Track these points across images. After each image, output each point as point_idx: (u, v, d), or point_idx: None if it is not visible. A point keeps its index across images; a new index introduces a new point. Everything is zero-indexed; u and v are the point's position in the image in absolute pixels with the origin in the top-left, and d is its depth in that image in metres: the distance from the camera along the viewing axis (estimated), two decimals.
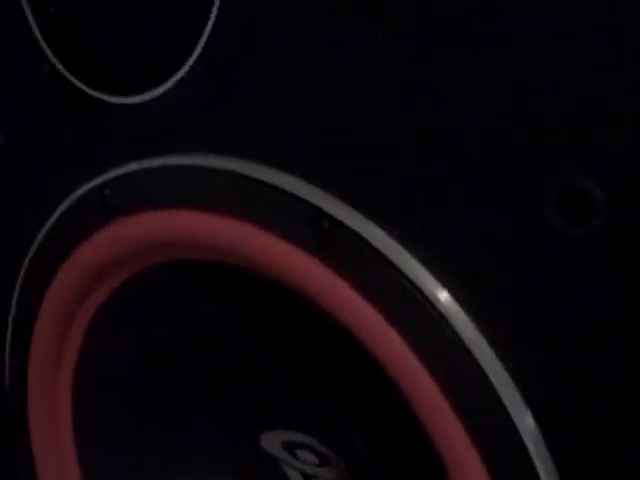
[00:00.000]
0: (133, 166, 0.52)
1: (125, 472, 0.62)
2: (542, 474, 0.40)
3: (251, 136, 0.48)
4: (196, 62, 0.48)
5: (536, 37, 0.37)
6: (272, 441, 0.60)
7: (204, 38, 0.47)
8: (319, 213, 0.44)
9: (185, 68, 0.48)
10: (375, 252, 0.43)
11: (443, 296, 0.42)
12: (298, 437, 0.58)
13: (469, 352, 0.41)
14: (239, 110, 0.48)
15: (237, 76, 0.47)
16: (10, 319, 0.61)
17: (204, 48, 0.47)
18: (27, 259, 0.58)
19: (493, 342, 0.41)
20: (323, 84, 0.44)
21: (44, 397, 0.60)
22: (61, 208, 0.55)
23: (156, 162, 0.51)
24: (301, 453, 0.59)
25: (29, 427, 0.62)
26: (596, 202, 0.36)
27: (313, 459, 0.58)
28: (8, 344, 0.61)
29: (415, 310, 0.42)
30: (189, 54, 0.48)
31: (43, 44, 0.53)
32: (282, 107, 0.46)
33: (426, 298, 0.42)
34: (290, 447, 0.59)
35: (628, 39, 0.35)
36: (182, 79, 0.48)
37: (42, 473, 0.63)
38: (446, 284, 0.42)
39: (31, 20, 0.53)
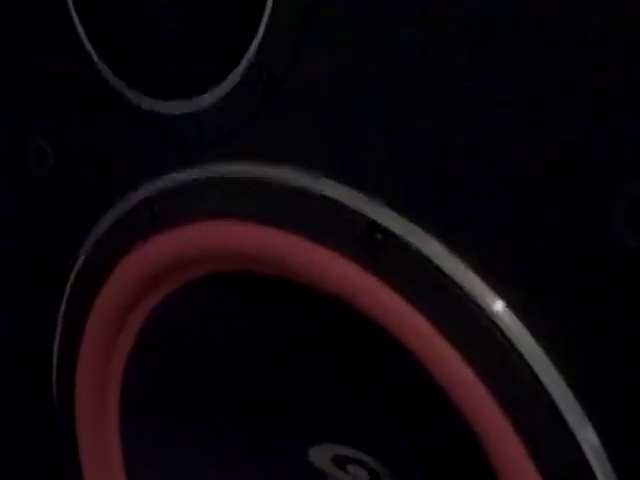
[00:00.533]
0: (182, 176, 0.52)
1: (168, 476, 0.61)
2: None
3: (301, 145, 0.47)
4: (246, 69, 0.47)
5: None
6: (321, 455, 0.59)
7: (254, 44, 0.46)
8: (372, 225, 0.43)
9: (234, 75, 0.48)
10: (429, 264, 0.42)
11: (500, 309, 0.41)
12: (348, 451, 0.57)
13: (527, 365, 0.40)
14: (288, 118, 0.47)
15: (287, 83, 0.46)
16: (57, 333, 0.60)
17: (254, 55, 0.47)
18: (75, 269, 0.58)
19: (552, 355, 0.40)
20: (376, 91, 0.43)
21: (92, 404, 0.60)
22: (109, 218, 0.55)
23: (204, 172, 0.50)
24: (351, 468, 0.58)
25: (77, 433, 0.62)
26: None
27: (363, 474, 0.57)
28: (56, 353, 0.61)
29: (472, 323, 0.41)
30: (238, 61, 0.47)
31: (90, 49, 0.53)
32: (333, 115, 0.45)
33: (483, 311, 0.41)
34: (340, 462, 0.58)
35: None
36: (231, 87, 0.48)
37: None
38: (504, 296, 0.41)
39: (78, 25, 0.53)
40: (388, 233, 0.42)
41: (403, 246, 0.42)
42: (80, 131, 0.57)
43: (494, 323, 0.41)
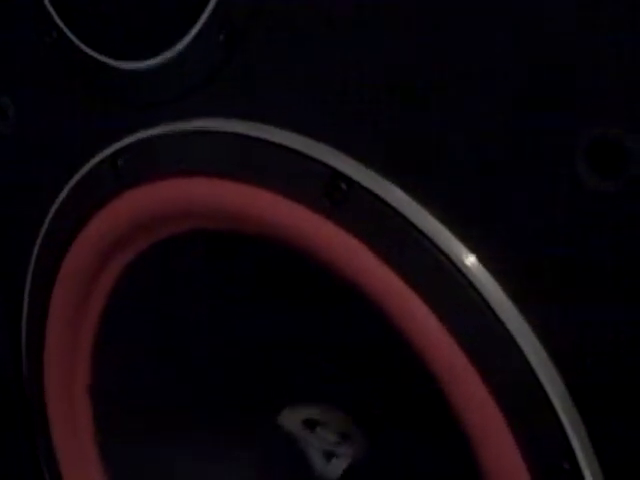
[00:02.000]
0: (144, 134, 0.51)
1: (143, 449, 0.61)
2: (570, 433, 0.39)
3: (263, 98, 0.46)
4: (206, 24, 0.46)
5: None
6: (291, 419, 0.59)
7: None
8: (335, 174, 0.42)
9: (194, 31, 0.47)
10: (395, 213, 0.41)
11: (468, 259, 0.40)
12: (317, 413, 0.57)
13: (496, 317, 0.40)
14: (251, 72, 0.46)
15: (248, 37, 0.45)
16: (26, 293, 0.59)
17: (214, 9, 0.46)
18: (41, 233, 0.57)
19: (520, 305, 0.40)
20: (337, 42, 0.43)
21: (61, 371, 0.59)
22: (74, 179, 0.54)
23: (167, 128, 0.50)
24: (320, 430, 0.58)
25: (46, 406, 0.61)
26: (629, 152, 0.34)
27: (333, 436, 0.57)
28: (24, 319, 0.60)
29: (437, 272, 0.41)
30: (198, 16, 0.46)
31: (50, 9, 0.52)
32: (295, 67, 0.45)
33: (448, 259, 0.40)
34: (309, 425, 0.58)
35: None
36: (192, 42, 0.47)
37: (60, 449, 0.62)
38: (471, 246, 0.40)
39: None
40: (352, 182, 0.42)
41: (368, 196, 0.42)
42: (42, 91, 0.56)
43: (461, 273, 0.40)
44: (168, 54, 0.48)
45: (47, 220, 0.57)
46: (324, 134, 0.44)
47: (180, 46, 0.47)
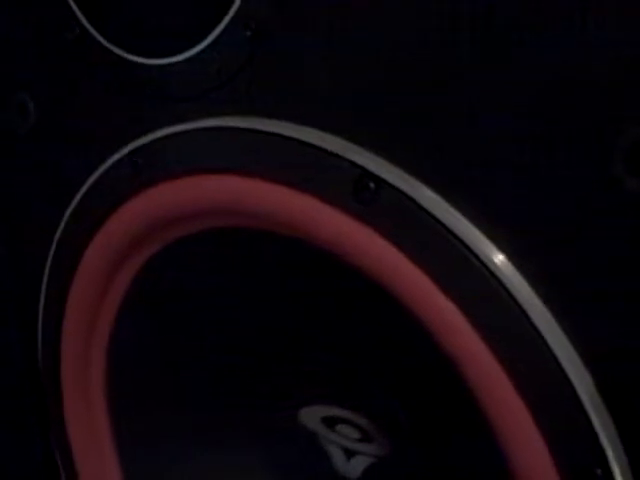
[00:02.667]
0: (164, 131, 0.50)
1: (160, 445, 0.61)
2: (602, 438, 0.38)
3: (289, 97, 0.46)
4: (230, 22, 0.46)
5: None
6: (311, 416, 0.58)
7: None
8: (364, 173, 0.42)
9: (219, 29, 0.46)
10: (424, 212, 0.41)
11: (498, 258, 0.40)
12: (338, 412, 0.57)
13: (526, 316, 0.39)
14: (275, 70, 0.46)
15: (272, 35, 0.45)
16: (43, 290, 0.59)
17: (238, 7, 0.45)
18: (59, 230, 0.57)
19: (550, 305, 0.39)
20: (364, 38, 0.42)
21: (77, 369, 0.59)
22: (93, 177, 0.54)
23: (189, 126, 0.49)
24: (341, 428, 0.57)
25: (63, 399, 0.61)
26: None
27: (354, 434, 0.57)
28: (41, 316, 0.60)
29: (468, 273, 0.40)
30: (223, 14, 0.46)
31: (73, 5, 0.51)
32: (321, 65, 0.44)
33: (479, 260, 0.40)
34: (330, 422, 0.58)
35: None
36: (216, 40, 0.47)
37: (76, 444, 0.62)
38: (500, 246, 0.40)
39: None
40: (380, 182, 0.41)
41: (396, 195, 0.41)
42: (63, 88, 0.56)
43: (492, 273, 0.40)
44: (192, 51, 0.48)
45: (65, 218, 0.56)
46: (352, 133, 0.43)
47: (205, 43, 0.47)
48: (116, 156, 0.52)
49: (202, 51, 0.47)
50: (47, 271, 0.58)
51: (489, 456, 0.43)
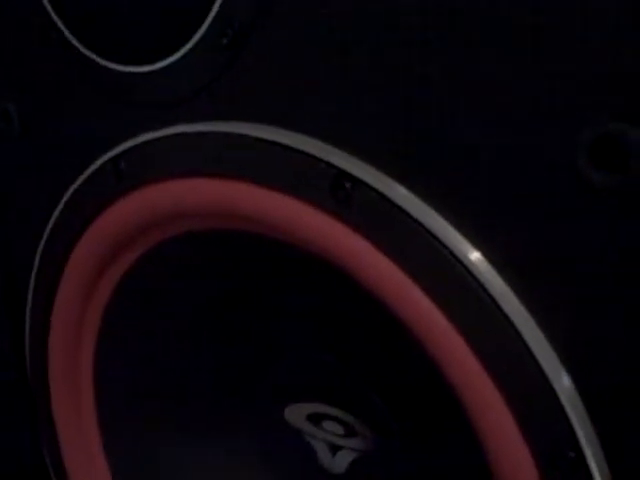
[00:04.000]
0: (146, 136, 0.51)
1: (147, 445, 0.61)
2: (575, 422, 0.39)
3: (266, 100, 0.47)
4: (208, 29, 0.47)
5: None
6: (296, 414, 0.59)
7: (217, 3, 0.46)
8: (340, 174, 0.43)
9: (197, 36, 0.47)
10: (399, 211, 0.42)
11: (473, 255, 0.41)
12: (322, 408, 0.58)
13: (501, 311, 0.40)
14: (254, 75, 0.47)
15: (250, 41, 0.46)
16: (29, 295, 0.60)
17: (217, 13, 0.46)
18: (45, 235, 0.57)
19: (525, 299, 0.40)
20: (340, 44, 0.43)
21: (65, 372, 0.59)
22: (77, 182, 0.54)
23: (170, 131, 0.50)
24: (326, 424, 0.58)
25: (51, 399, 0.61)
26: (632, 147, 0.35)
27: (339, 429, 0.58)
28: (28, 320, 0.61)
29: (444, 270, 0.41)
30: (201, 22, 0.47)
31: (51, 11, 0.52)
32: (298, 70, 0.45)
33: (455, 256, 0.41)
34: (315, 419, 0.58)
35: None
36: (194, 47, 0.48)
37: (65, 444, 0.62)
38: (475, 242, 0.41)
39: None
40: (356, 181, 0.42)
41: (372, 194, 0.42)
42: (45, 95, 0.56)
43: (467, 270, 0.41)
44: (171, 58, 0.48)
45: (50, 223, 0.57)
46: (328, 134, 0.44)
47: (184, 50, 0.48)
48: (99, 161, 0.53)
49: (181, 58, 0.48)
50: (34, 275, 0.59)
51: (469, 448, 0.44)
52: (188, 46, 0.48)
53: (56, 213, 0.56)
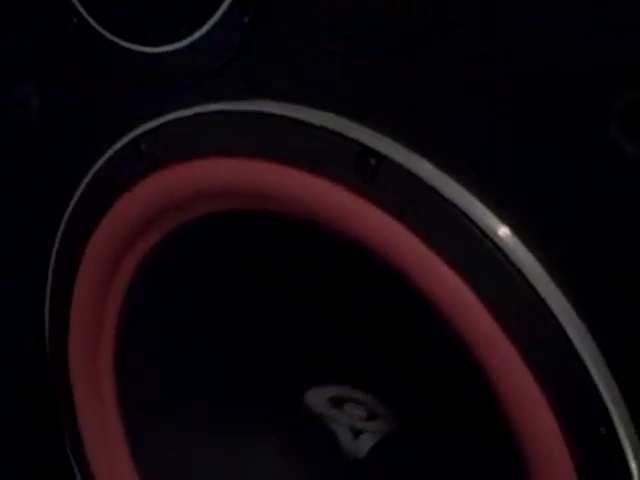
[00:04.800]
0: (168, 116, 0.51)
1: (167, 431, 0.61)
2: (606, 398, 0.39)
3: (288, 77, 0.46)
4: (228, 8, 0.46)
5: None
6: (317, 398, 0.59)
7: None
8: (364, 150, 0.42)
9: (217, 15, 0.47)
10: (426, 186, 0.41)
11: (501, 230, 0.40)
12: (343, 391, 0.57)
13: (531, 287, 0.40)
14: (276, 52, 0.46)
15: (270, 19, 0.45)
16: (50, 276, 0.60)
17: None
18: (64, 218, 0.57)
19: (556, 276, 0.40)
20: (361, 17, 0.43)
21: (86, 355, 0.59)
22: (97, 164, 0.54)
23: (191, 111, 0.50)
24: (348, 407, 0.58)
25: (71, 387, 0.61)
26: None
27: (361, 412, 0.57)
28: (48, 301, 0.60)
29: (472, 246, 0.41)
30: (220, 2, 0.46)
31: None
32: (320, 46, 0.45)
33: (483, 232, 0.40)
34: (336, 402, 0.58)
35: None
36: (214, 26, 0.47)
37: (85, 427, 0.62)
38: (504, 217, 0.41)
39: None
40: (381, 157, 0.42)
41: (398, 170, 0.42)
42: (63, 77, 0.56)
43: (496, 245, 0.40)
44: (192, 38, 0.48)
45: (71, 205, 0.57)
46: (351, 110, 0.44)
47: (204, 29, 0.47)
48: (120, 143, 0.53)
49: (201, 37, 0.48)
50: (53, 259, 0.59)
51: (495, 431, 0.44)
52: (208, 25, 0.47)
53: (76, 196, 0.56)
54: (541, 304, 0.40)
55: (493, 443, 0.46)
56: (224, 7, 0.47)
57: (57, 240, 0.58)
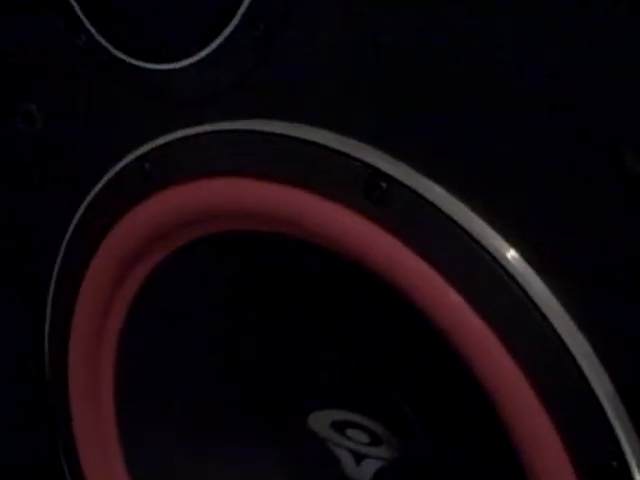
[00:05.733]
0: (172, 136, 0.50)
1: (167, 451, 0.60)
2: (619, 431, 0.38)
3: (299, 97, 0.46)
4: (238, 25, 0.46)
5: None
6: (320, 422, 0.58)
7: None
8: (375, 172, 0.42)
9: (227, 30, 0.46)
10: (436, 210, 0.41)
11: (510, 254, 0.40)
12: (347, 416, 0.57)
13: (540, 312, 0.39)
14: (284, 72, 0.46)
15: (282, 35, 0.45)
16: (50, 297, 0.59)
17: (247, 9, 0.45)
18: (68, 234, 0.57)
19: (564, 300, 0.39)
20: (371, 40, 0.42)
21: (86, 375, 0.58)
22: (101, 183, 0.54)
23: (196, 130, 0.49)
24: (351, 432, 0.57)
25: (69, 402, 0.60)
26: None
27: (363, 438, 0.57)
28: (48, 319, 0.60)
29: (481, 270, 0.40)
30: (231, 17, 0.46)
31: (79, 12, 0.51)
32: (329, 66, 0.44)
33: (492, 256, 0.40)
34: (339, 427, 0.57)
35: None
36: (224, 42, 0.47)
37: (84, 453, 0.61)
38: (513, 242, 0.40)
39: None
40: (392, 180, 0.41)
41: (408, 193, 0.41)
42: (69, 95, 0.56)
43: (504, 269, 0.40)
44: (201, 54, 0.47)
45: (73, 224, 0.56)
46: (363, 132, 0.43)
47: (213, 45, 0.47)
48: (124, 161, 0.52)
49: (210, 54, 0.47)
50: (55, 277, 0.58)
51: (502, 455, 0.43)
52: (218, 41, 0.47)
53: (78, 214, 0.55)
54: (550, 330, 0.39)
55: (501, 472, 0.46)
56: (235, 22, 0.46)
57: (59, 259, 0.57)
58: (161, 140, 0.51)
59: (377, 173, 0.42)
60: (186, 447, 0.61)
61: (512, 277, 0.40)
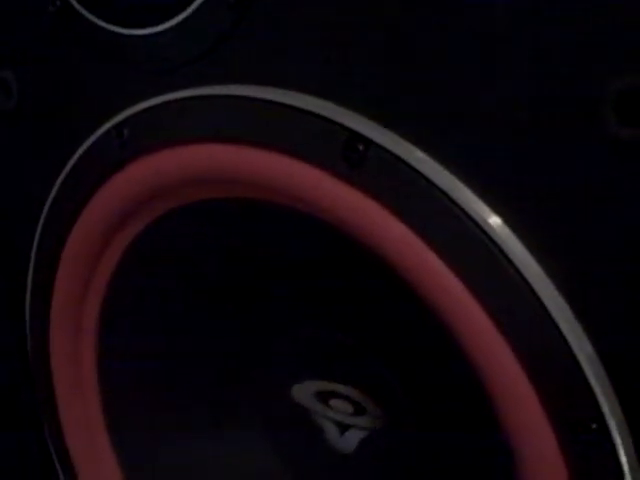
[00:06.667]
0: (150, 102, 0.50)
1: (152, 426, 0.60)
2: (602, 402, 0.38)
3: (274, 61, 0.45)
4: None
5: None
6: (304, 392, 0.58)
7: None
8: (352, 135, 0.41)
9: None
10: (415, 173, 0.40)
11: (492, 219, 0.39)
12: (331, 386, 0.56)
13: (522, 277, 0.39)
14: (261, 36, 0.45)
15: (255, 0, 0.44)
16: (31, 265, 0.59)
17: None
18: (48, 204, 0.56)
19: (545, 264, 0.39)
20: (349, 3, 0.42)
21: (68, 347, 0.58)
22: (80, 151, 0.53)
23: (173, 96, 0.49)
24: (335, 402, 0.57)
25: (55, 394, 0.60)
26: None
27: (347, 408, 0.56)
28: (29, 290, 0.59)
29: (461, 234, 0.40)
30: None
31: None
32: (307, 30, 0.43)
33: (473, 220, 0.39)
34: (323, 397, 0.57)
35: None
36: (198, 8, 0.46)
37: (71, 442, 0.61)
38: (494, 205, 0.40)
39: None
40: (369, 143, 0.41)
41: (386, 156, 0.41)
42: (45, 63, 0.55)
43: (484, 231, 0.39)
44: (175, 20, 0.47)
45: (53, 191, 0.56)
46: (339, 95, 0.43)
47: (188, 11, 0.46)
48: (102, 129, 0.52)
49: (185, 20, 0.47)
50: (35, 246, 0.58)
51: (485, 424, 0.43)
52: (193, 7, 0.46)
53: (58, 183, 0.55)
54: (531, 294, 0.39)
55: (483, 438, 0.45)
56: None
57: (39, 228, 0.57)
58: (138, 107, 0.50)
59: (355, 136, 0.41)
60: (172, 428, 0.60)
61: (492, 240, 0.39)
